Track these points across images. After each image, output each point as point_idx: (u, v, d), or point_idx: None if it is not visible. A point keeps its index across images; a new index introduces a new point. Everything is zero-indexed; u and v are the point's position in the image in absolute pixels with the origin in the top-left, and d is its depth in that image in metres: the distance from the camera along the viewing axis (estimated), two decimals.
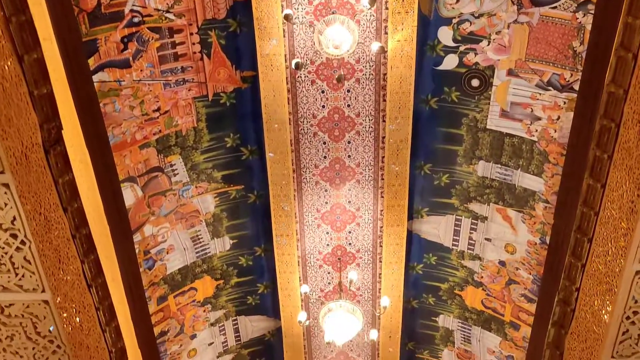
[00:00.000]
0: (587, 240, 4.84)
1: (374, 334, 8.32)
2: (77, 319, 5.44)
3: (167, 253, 7.92)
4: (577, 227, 4.94)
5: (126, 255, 7.04)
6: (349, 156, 7.88)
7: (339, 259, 8.77)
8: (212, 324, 9.03)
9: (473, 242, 8.28)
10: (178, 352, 8.78)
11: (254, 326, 9.46)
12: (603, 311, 4.83)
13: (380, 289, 8.96)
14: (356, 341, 9.78)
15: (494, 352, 8.98)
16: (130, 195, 7.12)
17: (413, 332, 9.64)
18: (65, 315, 5.20)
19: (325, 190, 8.14)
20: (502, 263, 8.15)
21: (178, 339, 8.68)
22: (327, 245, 8.65)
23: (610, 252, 4.62)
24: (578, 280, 5.40)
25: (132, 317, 7.30)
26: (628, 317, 4.73)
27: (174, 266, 8.10)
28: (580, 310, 5.09)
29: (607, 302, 4.75)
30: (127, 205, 7.11)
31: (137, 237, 7.44)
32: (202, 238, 8.19)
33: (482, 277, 8.47)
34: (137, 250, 7.51)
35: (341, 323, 7.44)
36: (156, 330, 8.28)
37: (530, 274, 7.88)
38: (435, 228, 8.42)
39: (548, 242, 6.77)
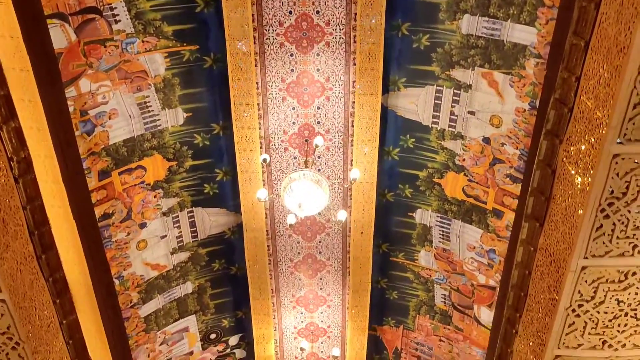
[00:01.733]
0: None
1: (342, 215, 7.48)
2: None
3: (110, 118, 6.97)
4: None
5: (55, 104, 6.10)
6: (318, 12, 6.95)
7: (306, 140, 7.89)
8: (164, 214, 8.14)
9: (455, 117, 7.44)
10: (125, 242, 7.88)
11: (212, 221, 8.58)
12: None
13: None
14: (325, 242, 8.97)
15: (474, 247, 8.22)
16: (60, 36, 6.14)
17: (387, 232, 8.83)
18: None
19: (291, 55, 7.21)
20: (487, 140, 7.32)
21: (125, 225, 7.77)
22: (293, 123, 7.76)
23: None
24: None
25: (65, 182, 6.39)
26: None
27: (118, 136, 7.16)
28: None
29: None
30: (57, 48, 6.13)
31: (71, 92, 6.48)
32: (150, 106, 7.24)
33: (463, 159, 7.65)
34: (71, 109, 6.56)
35: (304, 194, 6.58)
36: (98, 211, 7.37)
37: (517, 148, 7.07)
38: (414, 102, 7.55)
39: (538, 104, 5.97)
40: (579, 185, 4.76)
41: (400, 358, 10.21)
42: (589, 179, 4.59)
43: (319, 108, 7.66)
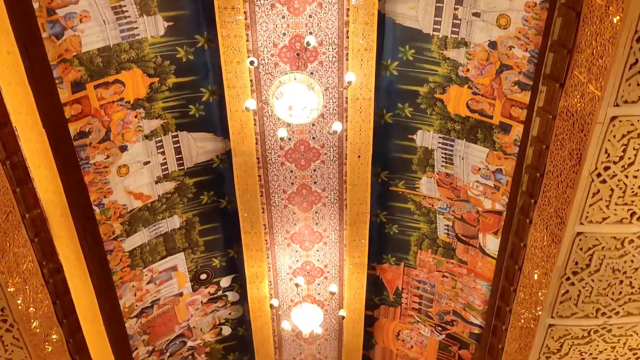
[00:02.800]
0: None
1: (337, 126, 6.91)
2: None
3: (81, 21, 6.37)
4: None
5: None
6: None
7: (297, 54, 7.31)
8: (147, 137, 7.57)
9: (458, 21, 6.85)
10: (105, 165, 7.33)
11: (199, 147, 8.02)
12: None
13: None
14: (320, 171, 8.43)
15: (479, 169, 7.67)
16: None
17: (386, 158, 8.28)
18: None
19: None
20: (493, 45, 6.75)
21: (104, 146, 7.21)
22: (284, 35, 7.16)
23: None
24: None
25: (31, 83, 5.81)
26: None
27: (92, 43, 6.56)
28: None
29: None
30: None
31: None
32: (127, 11, 6.64)
33: (467, 69, 7.08)
34: (36, 5, 5.96)
35: (295, 96, 6.00)
36: (73, 128, 6.81)
37: (526, 50, 6.49)
38: (413, 7, 6.95)
39: None
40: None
41: (401, 298, 9.72)
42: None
43: (310, 16, 7.07)
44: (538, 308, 5.83)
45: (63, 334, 6.46)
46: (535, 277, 5.80)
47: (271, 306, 9.18)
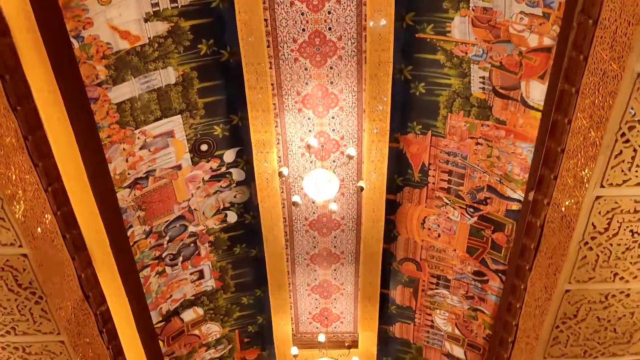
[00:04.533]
0: None
1: None
2: None
3: None
4: None
5: None
6: None
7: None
8: None
9: None
10: None
11: None
12: None
13: None
14: (335, 15, 7.27)
15: None
16: None
17: None
18: None
19: None
20: None
21: None
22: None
23: None
24: None
25: None
26: None
27: None
28: None
29: None
30: None
31: None
32: None
33: None
34: None
35: None
36: None
37: None
38: None
39: None
40: None
41: (427, 177, 8.62)
42: None
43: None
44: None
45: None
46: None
47: (280, 174, 8.12)
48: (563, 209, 5.56)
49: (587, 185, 5.09)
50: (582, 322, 6.07)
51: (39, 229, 5.68)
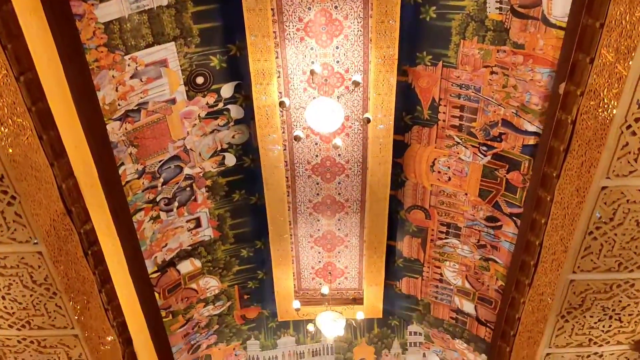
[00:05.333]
0: None
1: None
2: None
3: None
4: None
5: None
6: None
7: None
8: None
9: None
10: None
11: None
12: None
13: None
14: None
15: None
16: None
17: None
18: None
19: None
20: None
21: None
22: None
23: None
24: None
25: None
26: None
27: None
28: None
29: None
30: None
31: None
32: None
33: None
34: None
35: None
36: None
37: None
38: None
39: None
40: None
41: (437, 114, 8.11)
42: None
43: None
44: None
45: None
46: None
47: (281, 105, 7.60)
48: (600, 94, 4.92)
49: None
50: (619, 226, 5.38)
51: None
